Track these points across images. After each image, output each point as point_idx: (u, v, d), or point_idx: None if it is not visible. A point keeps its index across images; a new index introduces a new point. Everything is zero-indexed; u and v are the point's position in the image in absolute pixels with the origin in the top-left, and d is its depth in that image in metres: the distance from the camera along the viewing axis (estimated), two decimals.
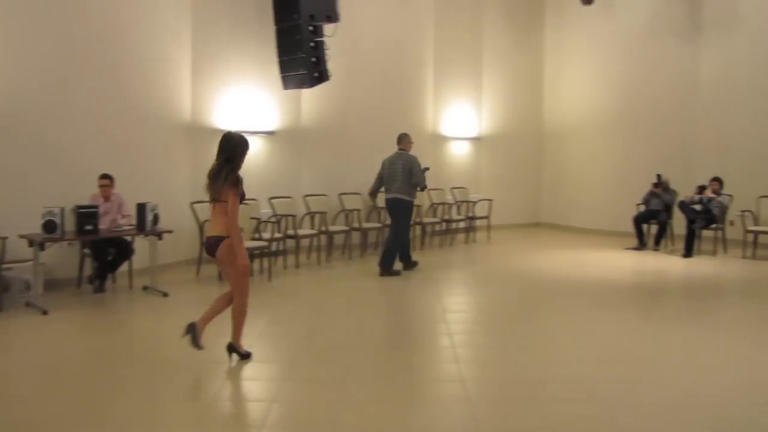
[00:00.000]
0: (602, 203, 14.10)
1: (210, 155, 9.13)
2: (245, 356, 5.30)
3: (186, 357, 5.28)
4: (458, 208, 13.00)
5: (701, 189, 11.28)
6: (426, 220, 12.04)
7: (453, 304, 7.51)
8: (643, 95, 13.56)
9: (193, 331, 5.08)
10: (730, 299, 8.13)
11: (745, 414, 4.31)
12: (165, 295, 7.72)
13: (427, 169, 9.30)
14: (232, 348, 5.31)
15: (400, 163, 9.05)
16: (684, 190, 11.88)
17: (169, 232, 8.08)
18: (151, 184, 8.69)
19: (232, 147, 4.98)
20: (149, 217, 7.71)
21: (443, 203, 12.66)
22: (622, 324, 6.63)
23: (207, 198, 5.03)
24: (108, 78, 8.27)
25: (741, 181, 12.13)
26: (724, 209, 11.26)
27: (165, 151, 9.15)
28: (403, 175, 8.99)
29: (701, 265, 10.40)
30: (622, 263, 10.61)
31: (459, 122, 13.81)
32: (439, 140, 13.56)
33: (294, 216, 10.02)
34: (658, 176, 11.76)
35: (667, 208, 11.78)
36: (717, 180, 11.40)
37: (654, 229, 12.12)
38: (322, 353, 5.51)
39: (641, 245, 11.95)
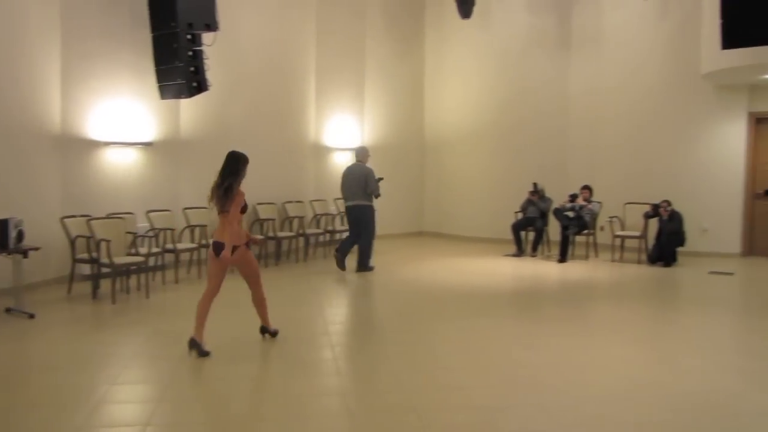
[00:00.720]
0: (482, 211, 14.28)
1: (85, 168, 8.49)
2: (274, 334, 6.19)
3: (53, 384, 5.02)
4: (342, 218, 12.63)
5: (573, 197, 11.66)
6: (309, 231, 11.86)
7: (335, 316, 7.47)
8: (518, 107, 13.87)
9: (195, 345, 5.58)
10: (600, 301, 8.38)
11: (619, 411, 4.47)
12: (31, 316, 7.27)
13: (381, 179, 10.27)
14: (264, 330, 6.18)
15: (357, 173, 10.00)
16: (559, 197, 12.22)
17: (36, 249, 7.62)
18: (13, 199, 8.20)
19: (236, 163, 5.72)
20: (12, 234, 7.21)
21: (326, 214, 12.56)
22: (501, 330, 6.75)
23: (216, 208, 5.71)
24: None
25: (609, 188, 12.67)
26: (594, 216, 11.74)
27: (28, 163, 8.64)
28: (359, 184, 9.94)
29: (575, 270, 10.72)
30: (502, 270, 10.82)
31: (341, 133, 13.71)
32: (322, 151, 13.44)
33: (173, 229, 9.69)
34: (534, 185, 12.07)
35: (543, 216, 12.08)
36: (587, 188, 11.84)
37: (531, 235, 12.40)
38: (199, 372, 5.34)
39: (519, 252, 12.24)
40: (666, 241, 11.06)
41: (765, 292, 9.34)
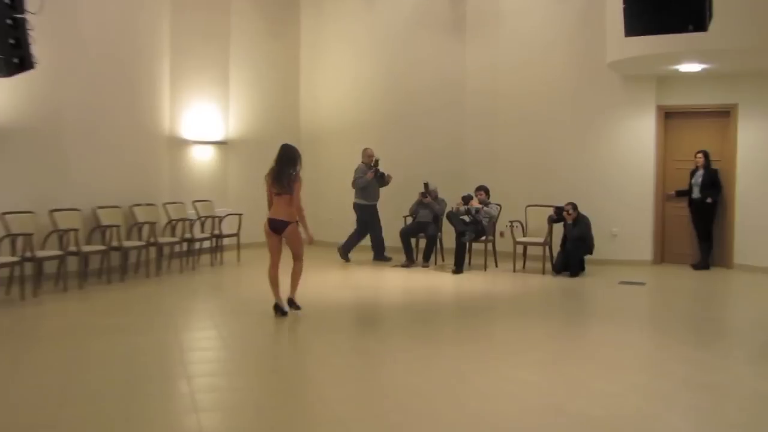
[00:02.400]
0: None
1: None
2: (298, 307, 8.31)
3: None
4: (202, 224, 12.73)
5: (467, 199, 11.87)
6: (163, 239, 11.68)
7: (194, 341, 7.43)
8: (407, 95, 14.05)
9: (292, 304, 8.24)
10: (500, 318, 8.61)
11: None
12: None
13: (377, 160, 12.53)
14: (291, 302, 8.30)
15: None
16: (453, 200, 12.37)
17: None
18: None
19: (292, 153, 8.16)
20: None
21: (183, 219, 12.25)
22: (390, 352, 6.84)
23: (274, 191, 7.98)
24: None
25: (509, 189, 12.99)
26: (493, 220, 11.99)
27: None
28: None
29: (472, 281, 10.96)
30: (391, 282, 10.99)
31: (202, 123, 13.62)
32: (178, 144, 13.29)
33: None
34: (426, 185, 12.21)
35: (436, 220, 12.26)
36: (483, 189, 12.07)
37: (423, 243, 12.55)
38: (33, 412, 5.10)
39: (410, 262, 12.37)
40: (572, 248, 11.40)
41: (675, 304, 9.75)
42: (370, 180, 12.56)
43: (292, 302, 8.21)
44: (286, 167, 7.91)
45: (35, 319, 8.44)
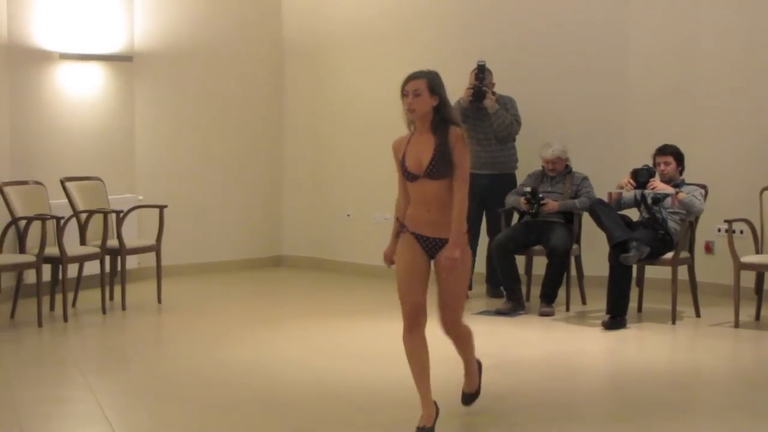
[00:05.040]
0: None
1: None
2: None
3: None
4: (82, 228, 10.66)
5: (642, 175, 10.03)
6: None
7: None
8: None
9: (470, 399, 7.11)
10: None
11: None
12: None
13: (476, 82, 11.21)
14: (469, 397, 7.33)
15: None
16: (611, 178, 10.55)
17: None
18: None
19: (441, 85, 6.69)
20: None
21: (42, 218, 9.93)
22: None
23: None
24: None
25: (722, 159, 11.25)
26: (691, 217, 10.15)
27: None
28: None
29: (645, 349, 9.60)
30: (482, 351, 8.67)
31: (81, 21, 11.69)
32: (30, 61, 11.35)
33: None
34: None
35: (569, 220, 10.56)
36: (671, 154, 10.21)
37: (539, 265, 10.91)
38: None
39: (515, 305, 10.33)
40: None
41: None
42: (465, 107, 10.91)
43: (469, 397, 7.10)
44: (445, 118, 6.36)
45: None
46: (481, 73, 11.00)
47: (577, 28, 12.41)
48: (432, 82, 6.05)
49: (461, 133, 6.09)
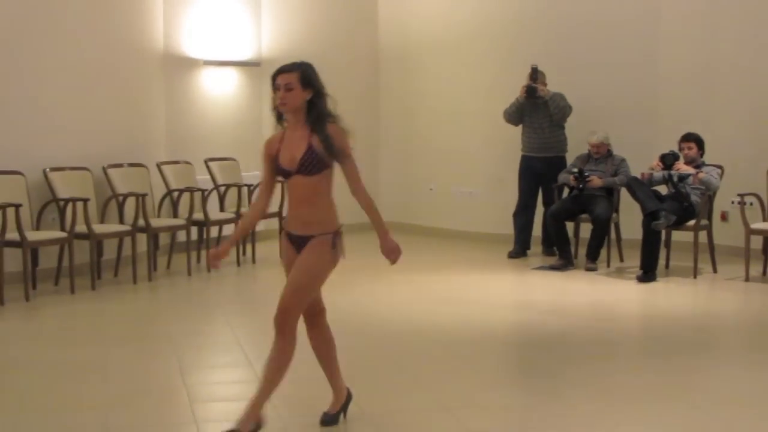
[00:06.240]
0: (489, 183, 13.36)
1: None
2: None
3: None
4: (221, 198, 11.74)
5: (669, 159, 10.63)
6: (158, 222, 10.84)
7: (211, 385, 7.03)
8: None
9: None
10: (721, 365, 7.67)
11: None
12: None
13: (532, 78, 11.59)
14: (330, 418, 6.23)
15: None
16: (641, 161, 11.13)
17: None
18: None
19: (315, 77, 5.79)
20: None
21: (191, 190, 10.94)
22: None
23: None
24: None
25: (737, 140, 11.79)
26: (710, 192, 10.81)
27: None
28: None
29: (671, 296, 10.17)
30: (534, 297, 10.35)
31: (219, 33, 12.58)
32: (181, 67, 12.17)
33: None
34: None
35: (610, 194, 11.16)
36: (693, 140, 10.87)
37: (583, 229, 11.64)
38: None
39: (565, 261, 11.15)
40: None
41: None
42: (522, 102, 11.85)
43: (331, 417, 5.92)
44: (321, 111, 5.46)
45: None
46: (534, 74, 11.90)
47: (612, 34, 12.90)
48: (304, 74, 5.40)
49: (338, 128, 5.44)
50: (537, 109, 12.02)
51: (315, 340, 5.67)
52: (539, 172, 11.94)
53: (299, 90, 5.25)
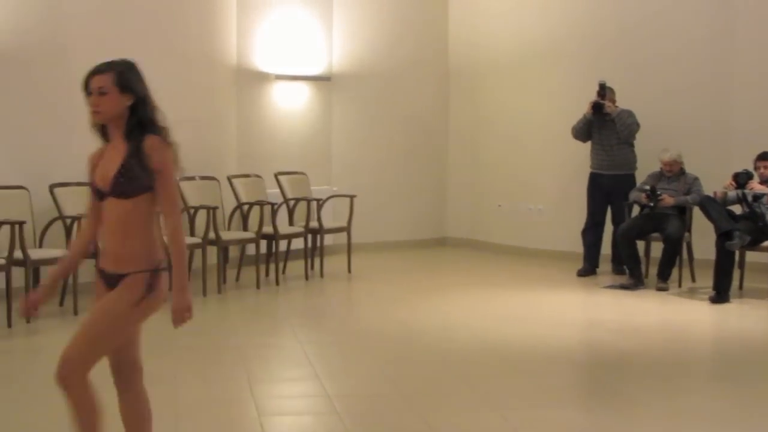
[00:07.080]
0: (559, 201, 13.28)
1: None
2: None
3: None
4: (290, 212, 11.76)
5: (743, 178, 10.42)
6: (228, 235, 10.90)
7: (279, 399, 7.09)
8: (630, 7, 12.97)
9: None
10: None
11: None
12: None
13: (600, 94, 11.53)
14: None
15: None
16: (715, 180, 10.85)
17: None
18: None
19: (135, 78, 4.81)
20: None
21: (261, 203, 10.94)
22: None
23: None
24: None
25: None
26: None
27: None
28: None
29: (746, 318, 9.98)
30: (602, 317, 10.10)
31: (291, 48, 12.61)
32: (253, 81, 12.26)
33: None
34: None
35: (682, 213, 10.91)
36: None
37: (655, 249, 11.43)
38: None
39: (635, 280, 10.91)
40: None
41: None
42: (589, 118, 11.81)
43: None
44: (142, 120, 4.46)
45: None
46: (602, 90, 11.79)
47: (686, 53, 12.85)
48: (121, 76, 4.37)
49: (158, 140, 4.38)
50: (605, 126, 11.92)
51: (126, 409, 4.59)
52: (607, 190, 11.81)
53: (115, 94, 4.30)
